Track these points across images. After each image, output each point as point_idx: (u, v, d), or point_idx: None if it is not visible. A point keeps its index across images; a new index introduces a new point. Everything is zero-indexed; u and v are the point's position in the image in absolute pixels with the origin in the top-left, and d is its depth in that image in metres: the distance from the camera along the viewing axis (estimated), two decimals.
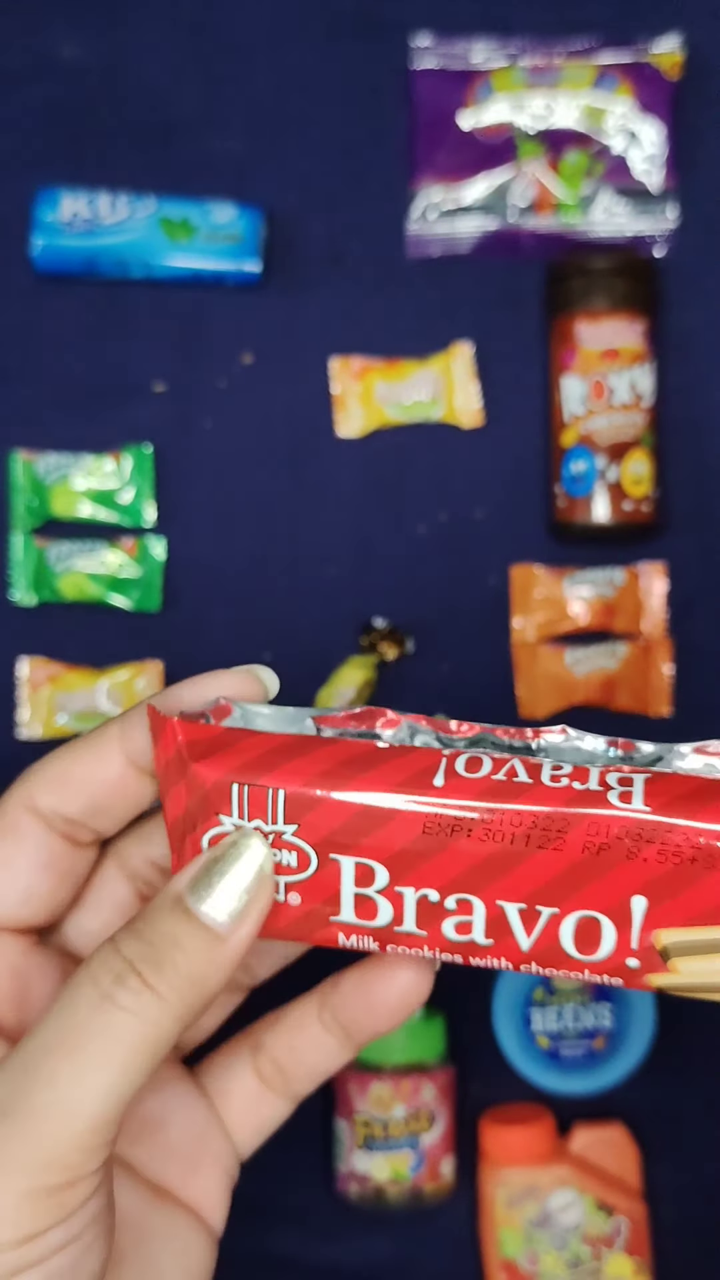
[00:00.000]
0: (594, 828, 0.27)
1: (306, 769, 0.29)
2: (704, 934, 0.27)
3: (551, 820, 0.27)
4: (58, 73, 0.73)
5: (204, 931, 0.28)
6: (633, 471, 0.68)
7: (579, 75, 0.71)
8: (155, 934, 0.28)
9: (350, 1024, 0.33)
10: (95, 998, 0.27)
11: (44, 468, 0.70)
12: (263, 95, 0.73)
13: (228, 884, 0.28)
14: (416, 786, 0.28)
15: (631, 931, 0.28)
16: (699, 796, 0.27)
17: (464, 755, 0.29)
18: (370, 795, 0.28)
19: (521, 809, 0.28)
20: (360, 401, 0.71)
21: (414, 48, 0.72)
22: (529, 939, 0.28)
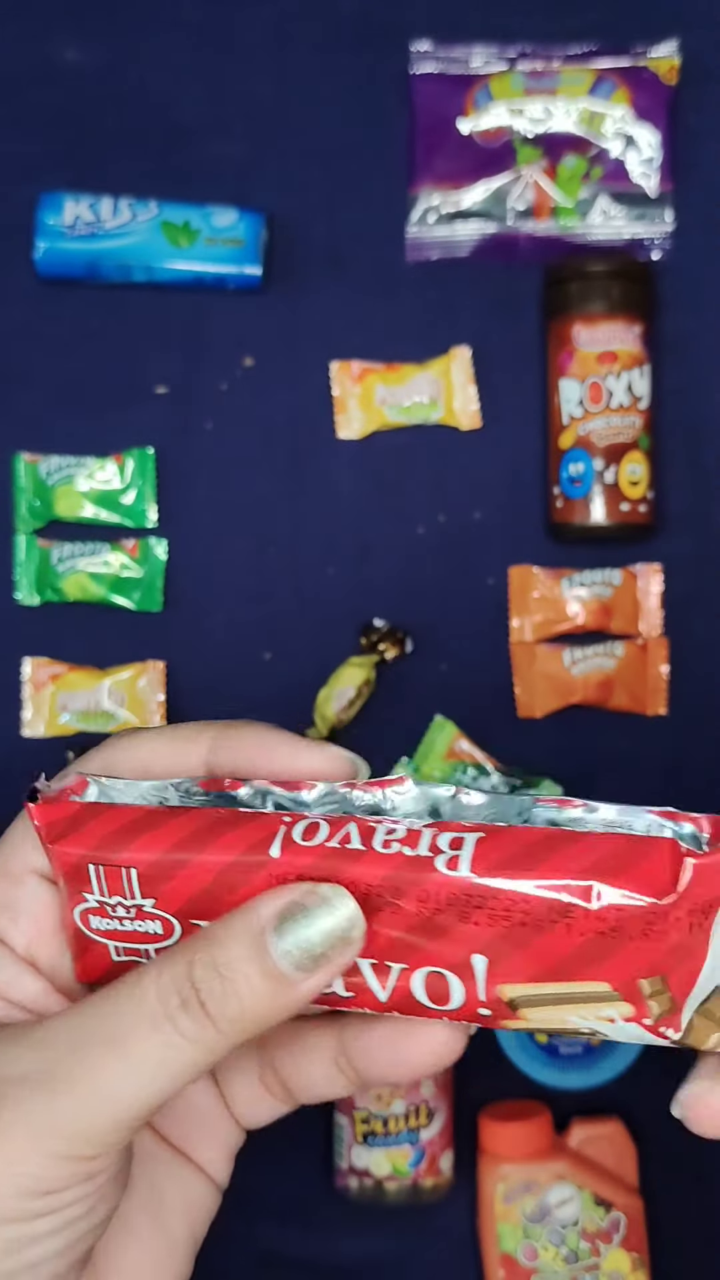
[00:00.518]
0: (424, 894, 0.28)
1: (155, 844, 0.29)
2: (545, 989, 0.28)
3: (383, 888, 0.28)
4: (61, 78, 0.73)
5: (276, 976, 0.28)
6: (630, 473, 0.69)
7: (577, 80, 0.72)
8: (228, 965, 0.28)
9: (368, 1072, 0.33)
10: (159, 1015, 0.28)
11: (47, 469, 0.71)
12: (263, 100, 0.73)
13: (311, 932, 0.28)
14: (256, 856, 0.29)
15: (477, 986, 0.28)
16: (526, 858, 0.28)
17: (302, 823, 0.29)
18: (213, 866, 0.29)
19: (353, 880, 0.28)
20: (360, 404, 0.71)
21: (413, 53, 0.73)
22: (384, 991, 0.29)
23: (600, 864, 0.27)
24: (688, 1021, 0.28)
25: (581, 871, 0.27)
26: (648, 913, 0.27)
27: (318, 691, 0.70)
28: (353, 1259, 0.69)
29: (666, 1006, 0.28)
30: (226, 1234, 0.70)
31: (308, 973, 0.28)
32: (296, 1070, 0.34)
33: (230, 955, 0.28)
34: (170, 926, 0.30)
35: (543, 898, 0.27)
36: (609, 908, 0.27)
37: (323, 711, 0.69)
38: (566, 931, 0.27)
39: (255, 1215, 0.69)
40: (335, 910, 0.28)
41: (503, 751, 0.71)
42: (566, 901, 0.27)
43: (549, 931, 0.27)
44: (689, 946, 0.27)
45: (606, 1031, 0.28)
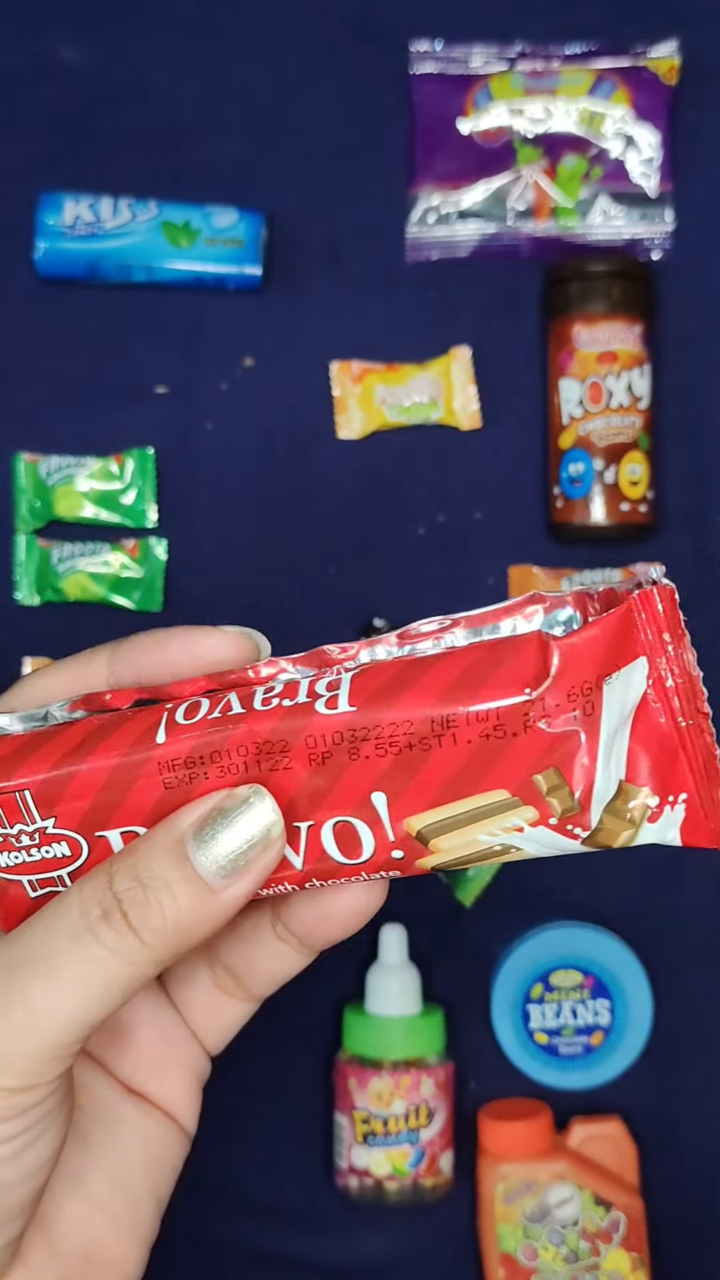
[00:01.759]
0: (310, 740, 0.28)
1: (42, 762, 0.29)
2: (447, 811, 0.28)
3: (270, 744, 0.28)
4: (60, 77, 0.73)
5: (198, 883, 0.27)
6: (630, 473, 0.69)
7: (577, 80, 0.72)
8: (149, 874, 0.27)
9: (304, 933, 0.32)
10: (80, 928, 0.27)
11: (47, 469, 0.71)
12: (263, 100, 0.73)
13: (231, 837, 0.28)
14: (142, 747, 0.29)
15: (384, 827, 0.28)
16: (400, 683, 0.28)
17: (184, 704, 0.29)
18: (102, 769, 0.29)
19: (239, 744, 0.28)
20: (360, 404, 0.71)
21: (413, 53, 0.73)
22: (299, 857, 0.29)
23: (471, 670, 0.28)
24: (597, 820, 0.28)
25: (454, 682, 0.27)
26: (524, 705, 0.27)
27: None
28: (352, 1259, 0.69)
29: (568, 803, 0.28)
30: (225, 1234, 0.70)
31: (231, 878, 0.27)
32: (243, 957, 0.34)
33: (151, 864, 0.27)
34: (77, 845, 0.29)
35: (423, 715, 0.27)
36: (487, 711, 0.27)
37: None
38: (453, 744, 0.27)
39: (254, 1215, 0.69)
40: (253, 809, 0.28)
41: None
42: (445, 713, 0.27)
43: (436, 749, 0.27)
44: (575, 735, 0.27)
45: (519, 844, 0.28)
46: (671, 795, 0.28)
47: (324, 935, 0.32)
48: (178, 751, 0.28)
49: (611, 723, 0.27)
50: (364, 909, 0.32)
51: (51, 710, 0.31)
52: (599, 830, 0.28)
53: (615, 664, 0.28)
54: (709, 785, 0.28)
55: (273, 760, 0.28)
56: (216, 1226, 0.68)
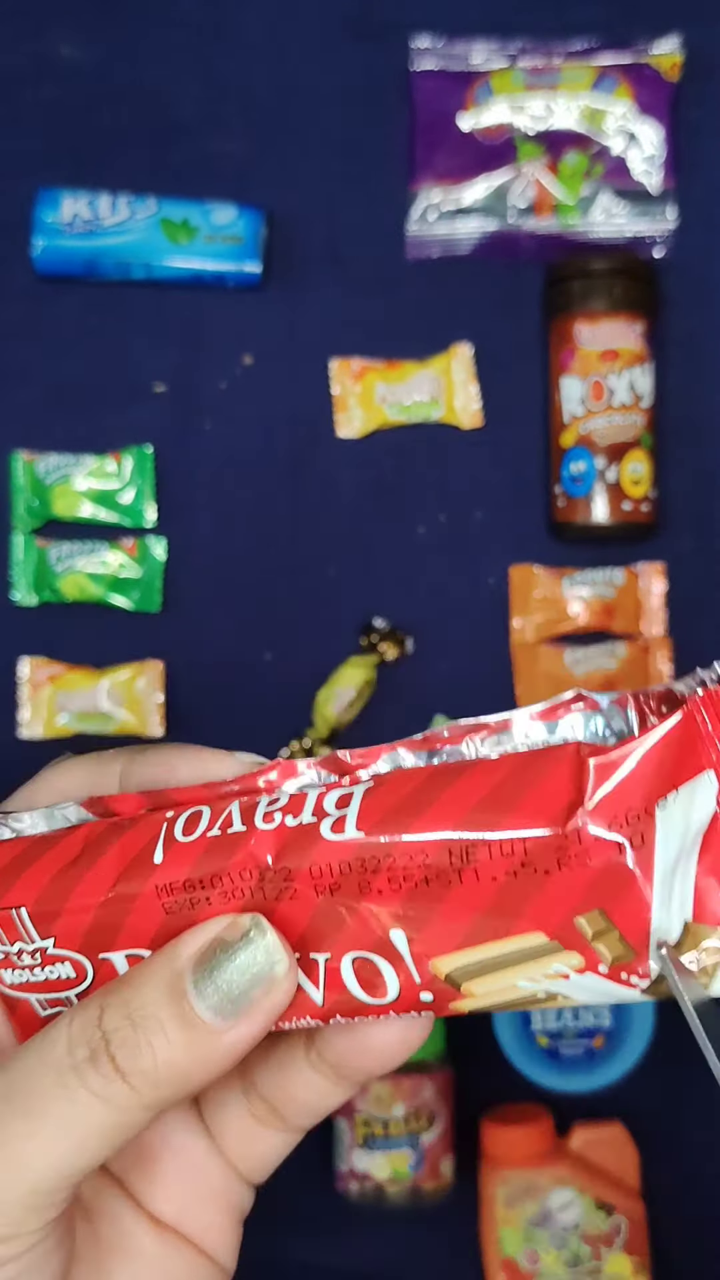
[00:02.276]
0: (315, 869, 0.25)
1: (37, 878, 0.27)
2: (477, 955, 0.24)
3: (275, 872, 0.25)
4: (59, 74, 0.73)
5: (196, 1024, 0.25)
6: (632, 472, 0.68)
7: (578, 76, 0.72)
8: (141, 1012, 0.25)
9: (340, 1065, 0.29)
10: (65, 1068, 0.25)
11: (45, 468, 0.71)
12: (263, 97, 0.73)
13: (232, 974, 0.25)
14: (140, 868, 0.26)
15: (408, 967, 0.25)
16: (411, 805, 0.24)
17: (183, 816, 0.26)
18: (99, 889, 0.26)
19: (241, 868, 0.25)
20: (360, 402, 0.71)
21: (414, 49, 0.72)
22: (318, 991, 0.26)
23: (496, 792, 0.24)
24: (658, 969, 0.24)
25: (476, 806, 0.24)
26: (556, 838, 0.23)
27: (318, 691, 0.70)
28: (352, 1263, 0.69)
29: (620, 950, 0.24)
30: None
31: (231, 1020, 0.25)
32: (276, 1085, 0.30)
33: (144, 1000, 0.25)
34: (81, 968, 0.27)
35: (439, 845, 0.24)
36: (513, 843, 0.23)
37: (323, 711, 0.69)
38: (475, 880, 0.24)
39: (253, 1218, 0.68)
40: (253, 944, 0.25)
41: None
42: (464, 844, 0.23)
43: (457, 885, 0.24)
44: (622, 869, 0.23)
45: (567, 991, 0.25)
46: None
47: (361, 1068, 0.29)
48: (176, 873, 0.25)
49: (670, 853, 0.23)
50: (404, 1044, 0.28)
51: (63, 811, 0.29)
52: (662, 980, 0.24)
53: (673, 782, 0.23)
54: None
55: (277, 890, 0.25)
56: None
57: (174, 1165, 0.31)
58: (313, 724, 0.70)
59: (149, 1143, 0.31)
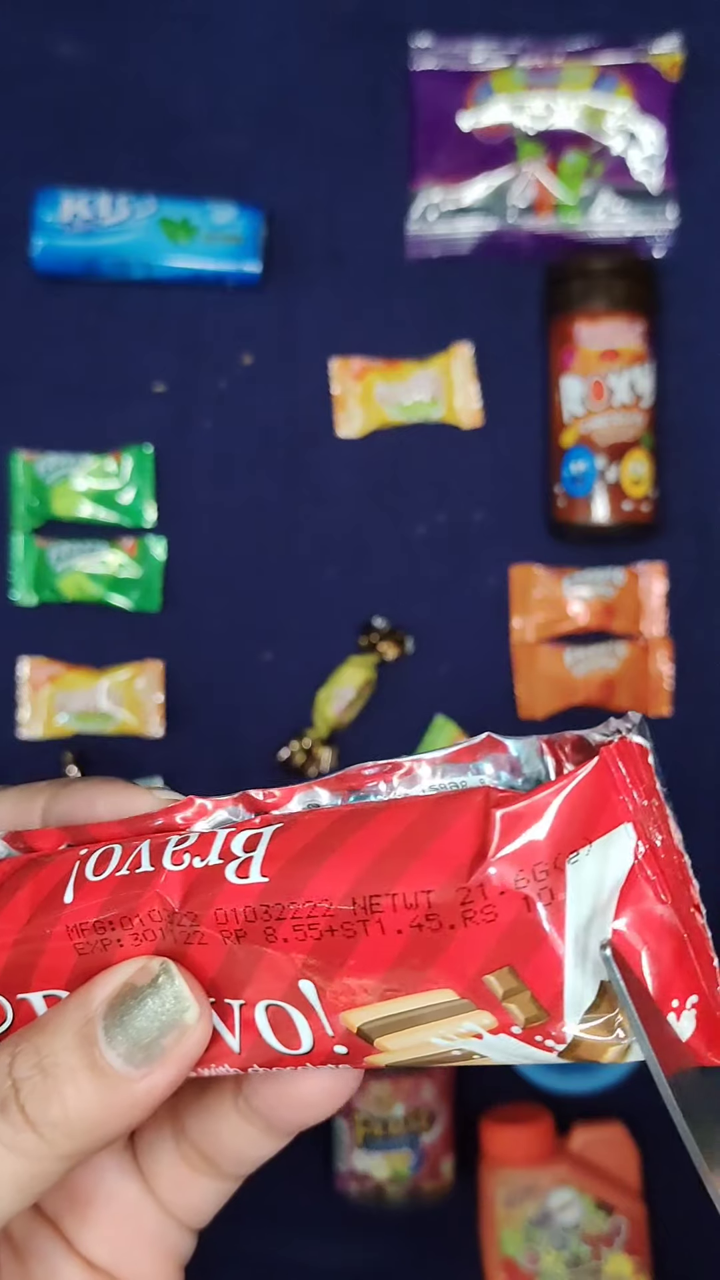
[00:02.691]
0: (222, 915, 0.24)
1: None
2: (387, 1009, 0.23)
3: (182, 915, 0.24)
4: (58, 73, 0.73)
5: (106, 1073, 0.24)
6: (632, 472, 0.68)
7: (579, 76, 0.72)
8: (52, 1059, 0.24)
9: (269, 1115, 0.28)
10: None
11: (44, 468, 0.71)
12: (263, 96, 0.73)
13: (142, 1020, 0.24)
14: (51, 908, 0.25)
15: (319, 1018, 0.24)
16: (316, 850, 0.23)
17: (96, 854, 0.25)
18: (11, 928, 0.25)
19: (149, 909, 0.24)
20: (360, 402, 0.71)
21: (414, 48, 0.72)
22: (234, 1038, 0.25)
23: (401, 840, 0.23)
24: (575, 1030, 0.23)
25: (381, 854, 0.23)
26: (460, 892, 0.22)
27: (318, 691, 0.70)
28: (352, 1263, 0.69)
29: (532, 1011, 0.22)
30: (223, 1238, 0.70)
31: (142, 1069, 0.24)
32: (206, 1132, 0.29)
33: (55, 1046, 0.24)
34: (1, 1009, 0.26)
35: (342, 894, 0.23)
36: (416, 896, 0.22)
37: (323, 711, 0.69)
38: (380, 933, 0.22)
39: (253, 1219, 0.68)
40: (161, 990, 0.24)
41: None
42: (367, 895, 0.22)
43: (363, 936, 0.23)
44: (531, 925, 0.22)
45: (482, 1051, 0.24)
46: (676, 999, 0.23)
47: (289, 1119, 0.28)
48: (86, 914, 0.25)
49: (584, 909, 0.22)
50: (330, 1095, 0.27)
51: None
52: (578, 1044, 0.23)
53: (586, 835, 0.22)
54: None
55: (186, 930, 0.24)
56: (216, 1230, 0.68)
57: (107, 1209, 0.30)
58: (313, 724, 0.70)
59: (81, 1185, 0.30)
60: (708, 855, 0.71)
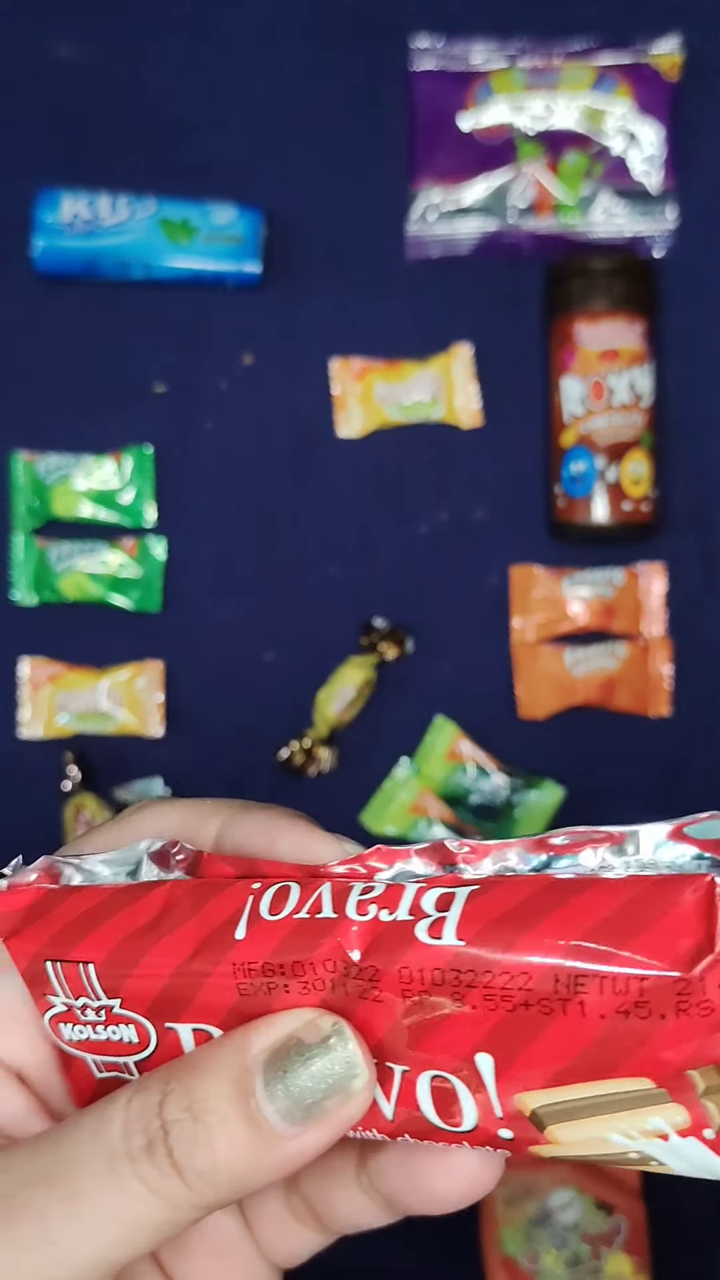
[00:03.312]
0: (406, 974, 0.22)
1: (110, 936, 0.25)
2: (572, 1094, 0.22)
3: (361, 969, 0.23)
4: (58, 75, 0.73)
5: (260, 1127, 0.23)
6: (632, 472, 0.68)
7: (578, 76, 0.72)
8: (204, 1105, 0.23)
9: (390, 1195, 0.27)
10: (119, 1153, 0.23)
11: (45, 468, 0.71)
12: (262, 97, 0.73)
13: (305, 1079, 0.23)
14: (219, 942, 0.24)
15: (490, 1096, 0.22)
16: (521, 917, 0.22)
17: (271, 890, 0.24)
18: (173, 958, 0.24)
19: (326, 959, 0.23)
20: (360, 402, 0.71)
21: (414, 49, 0.72)
22: (390, 1104, 0.24)
23: (616, 919, 0.21)
24: None
25: (591, 931, 0.21)
26: (679, 982, 0.21)
27: (318, 691, 0.70)
28: (352, 1262, 0.69)
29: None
30: None
31: (299, 1127, 0.23)
32: (320, 1191, 0.28)
33: (208, 1092, 0.23)
34: (145, 1033, 0.25)
35: (545, 968, 0.21)
36: (628, 979, 0.21)
37: (323, 711, 0.69)
38: (581, 1014, 0.21)
39: None
40: (332, 1052, 0.23)
41: (504, 752, 0.71)
42: (573, 972, 0.21)
43: (560, 1015, 0.21)
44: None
45: (662, 1157, 0.22)
46: None
47: (412, 1205, 0.26)
48: (256, 954, 0.23)
49: None
50: (466, 1188, 0.25)
51: (143, 855, 0.27)
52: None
53: None
54: None
55: (361, 986, 0.23)
56: None
57: (206, 1242, 0.29)
58: (313, 724, 0.70)
59: None
60: None
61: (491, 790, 0.70)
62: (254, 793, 0.70)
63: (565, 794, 0.70)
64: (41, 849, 0.76)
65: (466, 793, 0.69)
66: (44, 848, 0.76)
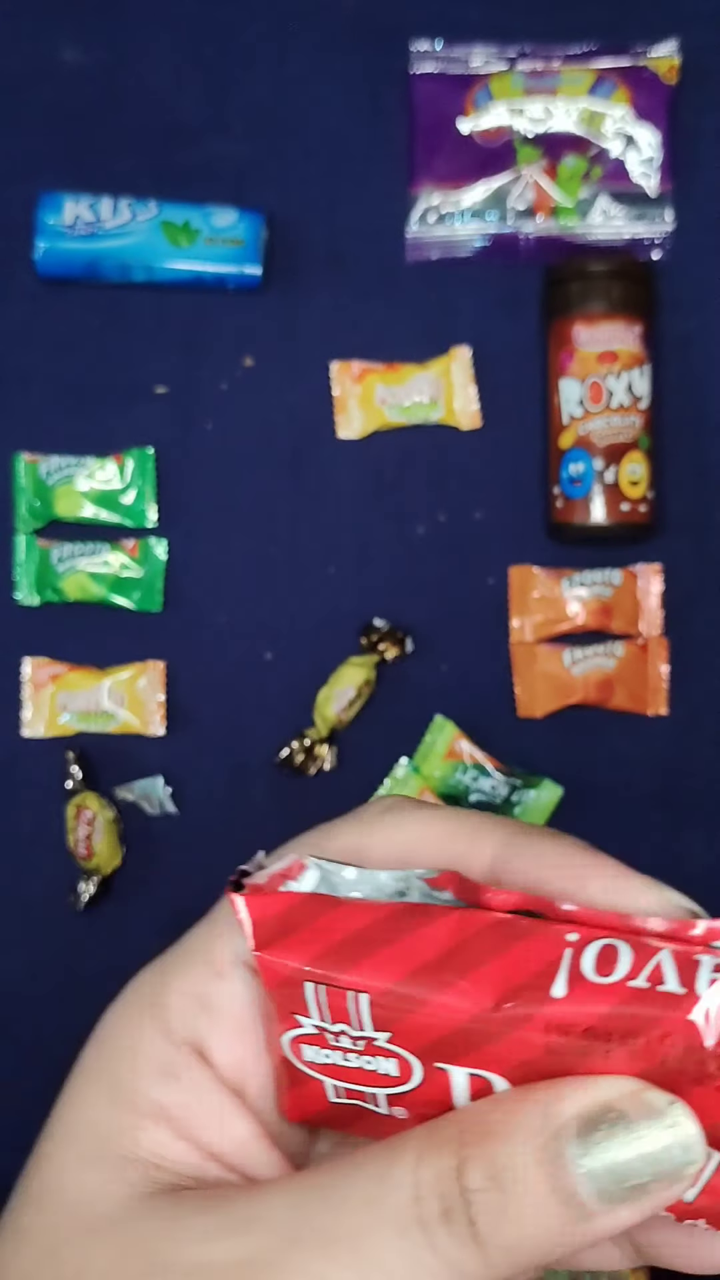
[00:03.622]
0: None
1: (396, 964, 0.22)
2: None
3: (712, 1057, 0.20)
4: (60, 77, 0.73)
5: (570, 1202, 0.20)
6: (630, 473, 0.69)
7: (577, 80, 0.72)
8: (511, 1175, 0.21)
9: (656, 1257, 0.24)
10: (409, 1220, 0.21)
11: (47, 469, 0.71)
12: (263, 100, 0.73)
13: (627, 1155, 0.20)
14: (531, 995, 0.21)
15: None
16: None
17: (594, 946, 0.22)
18: (474, 1005, 0.22)
19: (665, 1037, 0.21)
20: (360, 404, 0.71)
21: (413, 53, 0.73)
22: (695, 1188, 0.22)
23: None
24: None
25: None
26: None
27: (318, 691, 0.70)
28: None
29: None
30: None
31: (614, 1205, 0.20)
32: None
33: (515, 1160, 0.20)
34: (408, 1068, 0.23)
35: None
36: None
37: (323, 711, 0.69)
38: None
39: None
40: (669, 1132, 0.20)
41: (503, 751, 0.71)
42: None
43: None
44: None
45: None
46: None
47: (675, 1265, 0.24)
48: (579, 1017, 0.21)
49: None
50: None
51: (412, 881, 0.24)
52: None
53: None
54: None
55: (703, 1071, 0.20)
56: None
57: None
58: (313, 723, 0.71)
59: None
60: (705, 855, 0.72)
61: (490, 789, 0.70)
62: (254, 791, 0.71)
63: (564, 793, 0.71)
64: (43, 847, 0.77)
65: (466, 791, 0.70)
66: (46, 846, 0.77)
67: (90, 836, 0.68)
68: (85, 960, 0.71)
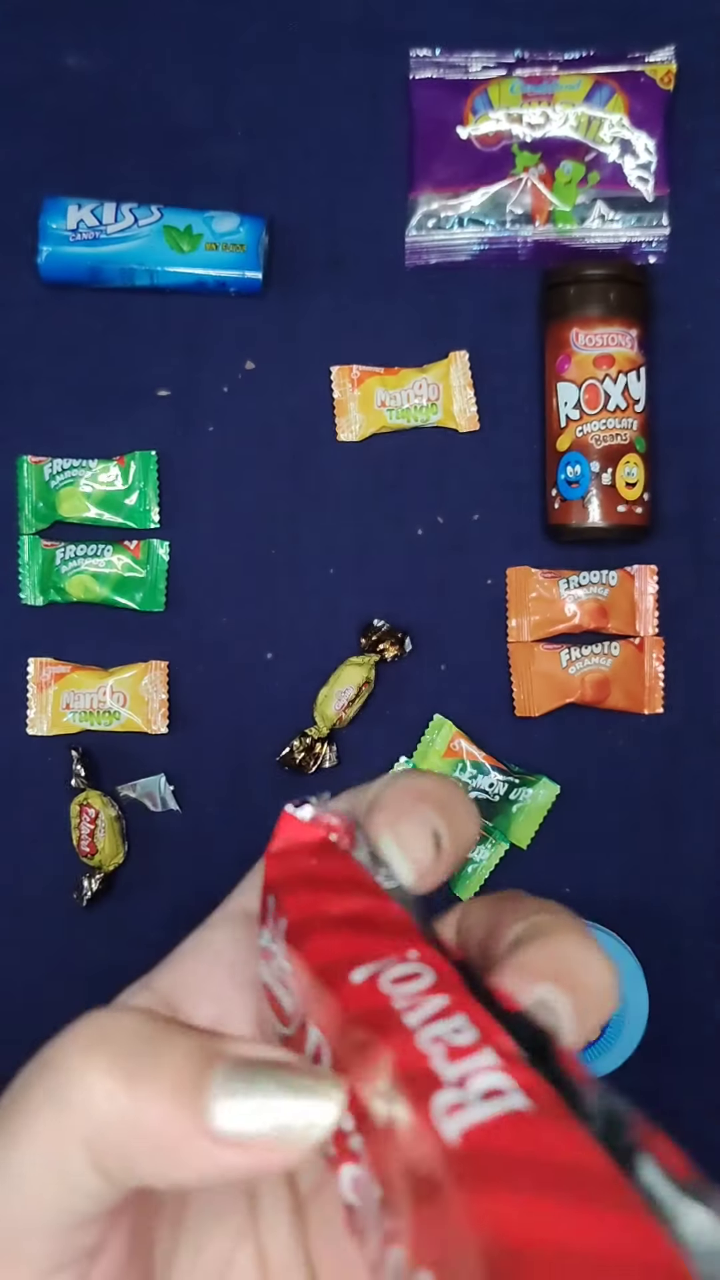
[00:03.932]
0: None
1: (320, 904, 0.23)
2: None
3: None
4: (63, 83, 0.74)
5: (196, 1122, 0.20)
6: (626, 475, 0.70)
7: (574, 86, 0.73)
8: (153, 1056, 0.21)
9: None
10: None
11: (51, 472, 0.72)
12: (265, 105, 0.74)
13: (262, 1101, 0.20)
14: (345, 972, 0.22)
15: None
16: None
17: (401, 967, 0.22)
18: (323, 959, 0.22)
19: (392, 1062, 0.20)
20: (360, 407, 0.72)
21: (413, 59, 0.73)
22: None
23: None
24: None
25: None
26: None
27: (318, 691, 0.71)
28: None
29: None
30: None
31: (238, 1138, 0.20)
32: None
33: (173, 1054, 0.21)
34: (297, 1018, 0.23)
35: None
36: None
37: (323, 711, 0.70)
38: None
39: None
40: (307, 1100, 0.20)
41: (501, 750, 0.72)
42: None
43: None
44: None
45: None
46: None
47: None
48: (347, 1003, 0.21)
49: None
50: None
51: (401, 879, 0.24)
52: None
53: None
54: None
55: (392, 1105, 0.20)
56: None
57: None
58: (313, 722, 0.71)
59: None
60: (700, 855, 0.73)
61: (489, 787, 0.71)
62: (255, 789, 0.72)
63: (561, 791, 0.71)
64: (46, 845, 0.77)
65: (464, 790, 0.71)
66: (49, 844, 0.77)
67: (93, 834, 0.69)
68: (88, 956, 0.71)
